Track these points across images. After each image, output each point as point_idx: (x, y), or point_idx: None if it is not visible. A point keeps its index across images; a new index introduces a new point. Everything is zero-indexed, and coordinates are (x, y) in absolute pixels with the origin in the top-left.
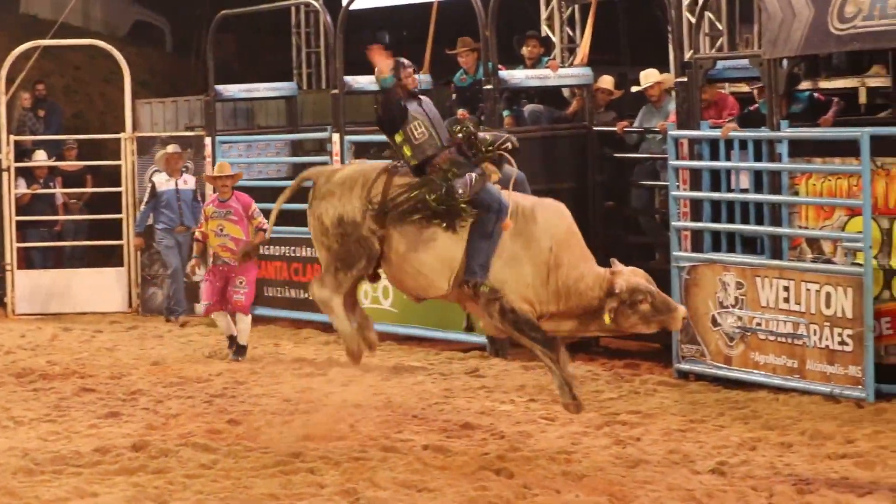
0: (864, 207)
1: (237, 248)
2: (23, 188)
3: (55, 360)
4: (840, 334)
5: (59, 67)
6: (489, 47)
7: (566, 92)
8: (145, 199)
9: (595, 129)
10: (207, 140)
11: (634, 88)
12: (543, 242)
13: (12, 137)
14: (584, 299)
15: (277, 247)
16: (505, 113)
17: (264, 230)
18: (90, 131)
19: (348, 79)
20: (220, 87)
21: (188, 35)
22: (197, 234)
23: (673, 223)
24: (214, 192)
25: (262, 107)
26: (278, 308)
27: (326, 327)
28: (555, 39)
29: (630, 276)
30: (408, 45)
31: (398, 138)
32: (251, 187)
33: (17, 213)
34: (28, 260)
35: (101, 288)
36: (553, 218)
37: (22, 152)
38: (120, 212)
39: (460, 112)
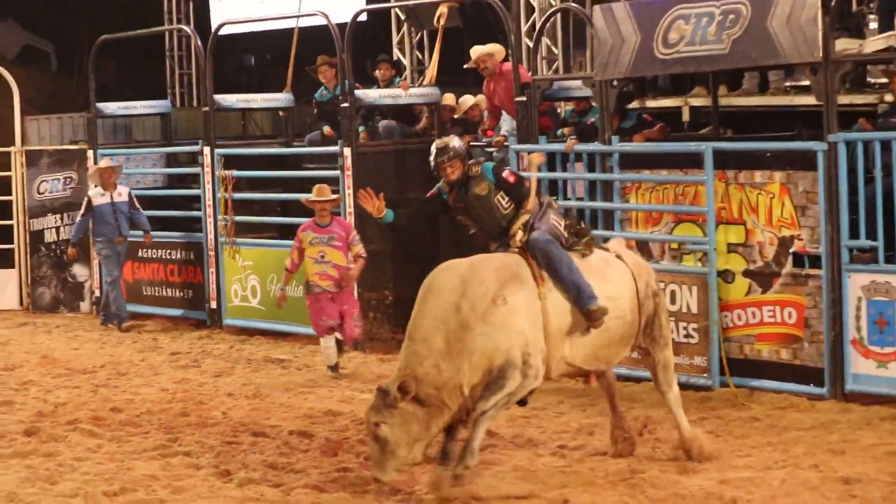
0: (709, 213)
1: (339, 275)
2: None
3: None
4: (685, 328)
5: None
6: (346, 69)
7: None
8: (81, 212)
9: None
10: (90, 153)
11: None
12: None
13: None
14: None
15: (155, 250)
16: (360, 128)
17: (364, 257)
18: None
19: (217, 97)
20: (100, 105)
21: (71, 58)
22: (287, 263)
23: None
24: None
25: (139, 123)
26: (156, 306)
27: (199, 323)
28: (405, 62)
29: None
30: (271, 66)
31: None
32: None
33: None
34: None
35: None
36: None
37: None
38: (11, 218)
39: (326, 129)
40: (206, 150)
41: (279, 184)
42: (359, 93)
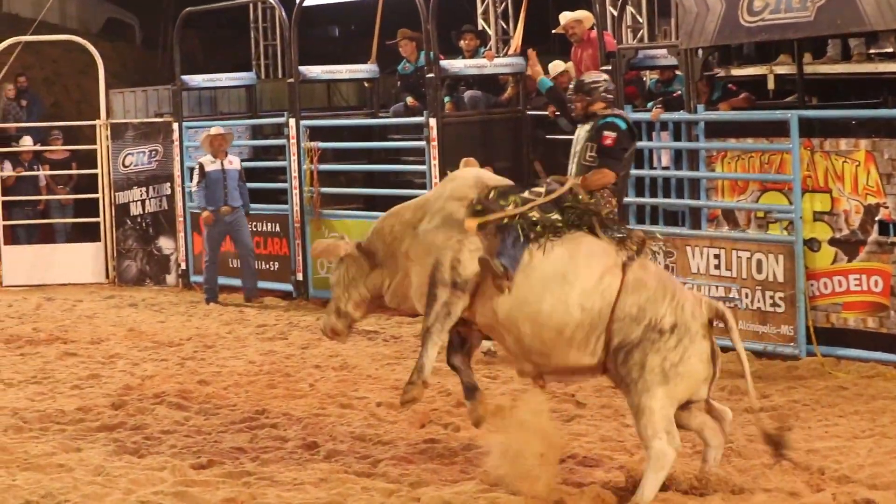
0: (795, 182)
1: None
2: (8, 171)
3: (40, 328)
4: (772, 297)
5: (39, 61)
6: (430, 39)
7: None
8: (195, 180)
9: (528, 112)
10: (175, 126)
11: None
12: None
13: None
14: None
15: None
16: (446, 99)
17: None
18: (68, 119)
19: (302, 69)
20: (185, 78)
21: (156, 30)
22: None
23: None
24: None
25: (224, 95)
26: (241, 278)
27: (286, 295)
28: (490, 32)
29: None
30: (356, 37)
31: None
32: None
33: (3, 194)
34: (14, 236)
35: (81, 261)
36: None
37: (6, 138)
38: (97, 192)
39: (409, 100)
40: (292, 121)
41: (364, 155)
42: (444, 63)
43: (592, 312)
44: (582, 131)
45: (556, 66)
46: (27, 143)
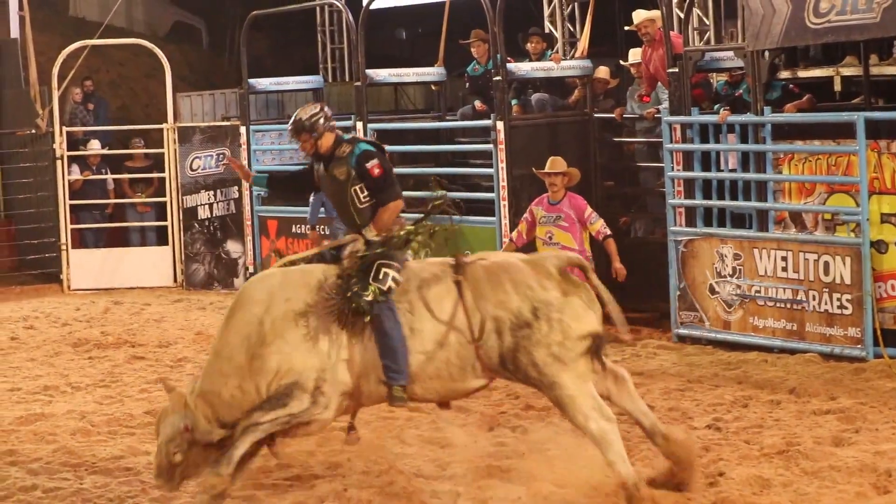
0: (862, 183)
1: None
2: (76, 174)
3: (108, 331)
4: (839, 299)
5: (106, 65)
6: (497, 42)
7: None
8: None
9: (595, 115)
10: (242, 129)
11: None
12: None
13: (65, 129)
14: None
15: (308, 225)
16: (513, 101)
17: (611, 235)
18: (135, 122)
19: (369, 72)
20: (253, 81)
21: (222, 34)
22: (514, 234)
23: (669, 201)
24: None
25: (291, 98)
26: None
27: None
28: (557, 34)
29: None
30: (422, 40)
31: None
32: (282, 171)
33: (71, 198)
34: (82, 240)
35: (149, 264)
36: None
37: (74, 142)
38: (165, 195)
39: (477, 104)
40: (359, 124)
41: (432, 158)
42: (511, 66)
43: (449, 346)
44: (326, 177)
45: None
46: (95, 146)
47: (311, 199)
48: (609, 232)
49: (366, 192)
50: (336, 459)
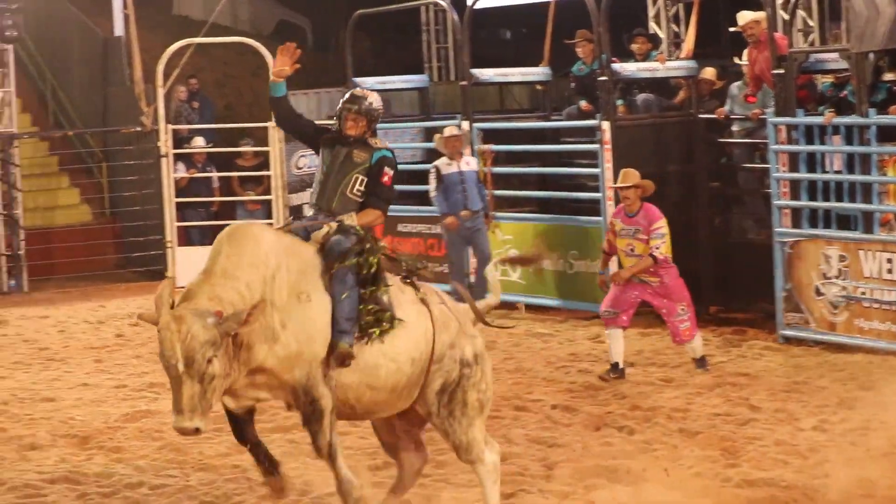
0: None
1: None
2: (182, 172)
3: None
4: None
5: (211, 63)
6: (602, 42)
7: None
8: (433, 185)
9: (700, 116)
10: None
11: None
12: None
13: (170, 127)
14: None
15: (414, 224)
16: (619, 102)
17: (657, 258)
18: (239, 121)
19: (475, 71)
20: (357, 80)
21: (327, 33)
22: (604, 244)
23: (775, 202)
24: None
25: (397, 97)
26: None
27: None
28: (662, 35)
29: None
30: (527, 40)
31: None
32: None
33: (176, 195)
34: (187, 237)
35: None
36: None
37: (179, 140)
38: (270, 194)
39: (583, 104)
40: (465, 124)
41: (537, 158)
42: (616, 66)
43: (418, 364)
44: (341, 152)
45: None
46: (199, 143)
47: (433, 193)
48: (658, 256)
49: (363, 188)
50: (443, 458)
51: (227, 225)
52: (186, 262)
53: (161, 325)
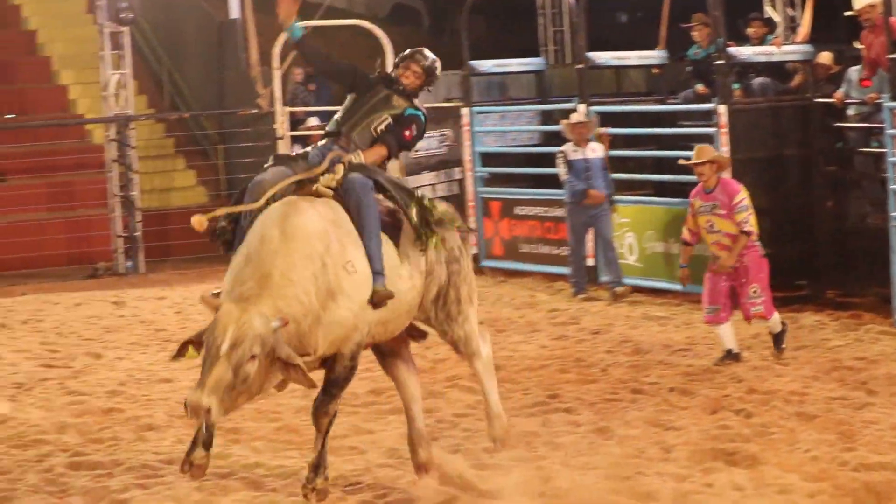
0: None
1: (733, 245)
2: None
3: None
4: None
5: (327, 45)
6: (718, 26)
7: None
8: (563, 169)
9: (817, 100)
10: (464, 111)
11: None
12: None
13: (286, 109)
14: None
15: (531, 207)
16: (735, 85)
17: (748, 232)
18: None
19: (591, 54)
20: (475, 63)
21: (443, 16)
22: (685, 233)
23: (891, 186)
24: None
25: (513, 80)
26: (533, 263)
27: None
28: (777, 19)
29: None
30: (643, 24)
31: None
32: (504, 153)
33: None
34: None
35: None
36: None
37: (295, 122)
38: None
39: (699, 87)
40: (581, 106)
41: (653, 141)
42: (732, 50)
43: (421, 275)
44: (380, 93)
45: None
46: (313, 122)
47: (564, 177)
48: (748, 230)
49: (384, 130)
50: (561, 441)
51: None
52: None
53: (223, 309)
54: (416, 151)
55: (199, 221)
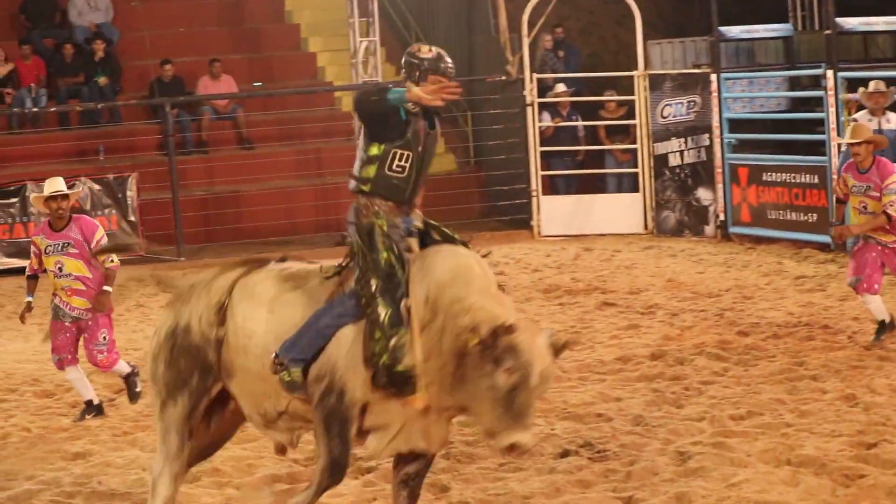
0: None
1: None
2: (547, 121)
3: (578, 277)
4: None
5: (575, 12)
6: None
7: None
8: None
9: None
10: (713, 77)
11: None
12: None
13: (535, 75)
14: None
15: (779, 174)
16: None
17: (889, 215)
18: (604, 70)
19: (839, 20)
20: (723, 29)
21: None
22: (837, 192)
23: None
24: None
25: (761, 46)
26: (780, 230)
27: (824, 247)
28: None
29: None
30: None
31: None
32: (752, 119)
33: (541, 144)
34: (553, 186)
35: (620, 211)
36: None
37: (543, 89)
38: (636, 142)
39: None
40: (829, 73)
41: None
42: None
43: None
44: (428, 132)
45: None
46: (560, 88)
47: (845, 149)
48: (892, 213)
49: None
50: (807, 408)
51: (593, 174)
52: (551, 211)
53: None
54: (665, 118)
55: None
